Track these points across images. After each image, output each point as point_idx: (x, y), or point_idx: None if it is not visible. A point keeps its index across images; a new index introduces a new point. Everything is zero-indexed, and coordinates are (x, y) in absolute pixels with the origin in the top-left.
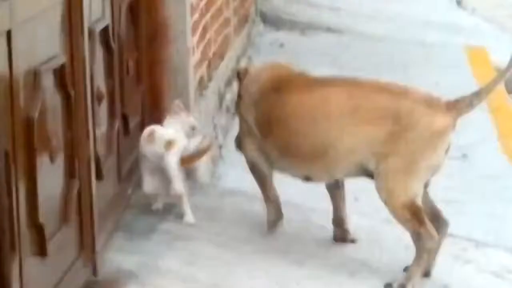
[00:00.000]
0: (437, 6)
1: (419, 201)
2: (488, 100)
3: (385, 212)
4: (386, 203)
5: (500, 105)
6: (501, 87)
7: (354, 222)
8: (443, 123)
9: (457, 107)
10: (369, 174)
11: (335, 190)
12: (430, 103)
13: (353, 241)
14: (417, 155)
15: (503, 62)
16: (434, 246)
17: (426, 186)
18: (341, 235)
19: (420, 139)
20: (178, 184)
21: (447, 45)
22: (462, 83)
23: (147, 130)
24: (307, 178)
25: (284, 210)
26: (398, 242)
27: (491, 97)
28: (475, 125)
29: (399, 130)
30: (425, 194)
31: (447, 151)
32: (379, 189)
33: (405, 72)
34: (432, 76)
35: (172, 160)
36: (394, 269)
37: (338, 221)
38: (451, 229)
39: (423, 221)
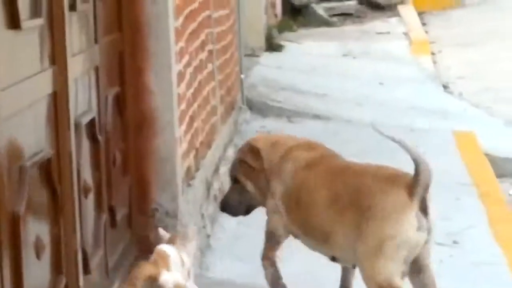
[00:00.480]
0: (424, 91)
1: (397, 281)
2: (477, 185)
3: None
4: (366, 285)
5: (489, 190)
6: (490, 172)
7: None
8: (397, 199)
9: (413, 184)
10: None
11: None
12: (389, 180)
13: None
14: (381, 234)
15: (491, 147)
16: None
17: (419, 272)
18: None
19: (380, 217)
20: None
21: (435, 130)
22: (451, 168)
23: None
24: (333, 259)
25: None
26: None
27: (480, 182)
28: (465, 211)
29: (365, 209)
30: (425, 279)
31: (420, 228)
32: (360, 272)
33: (393, 158)
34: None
35: None
36: None
37: None
38: None
39: None
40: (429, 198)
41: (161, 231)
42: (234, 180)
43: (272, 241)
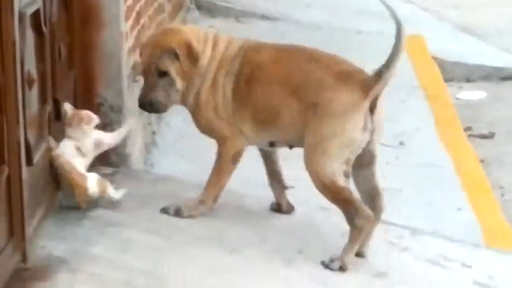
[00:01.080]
0: None
1: (341, 181)
2: (425, 88)
3: (321, 199)
4: (312, 182)
5: (437, 93)
6: (437, 75)
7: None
8: (346, 99)
9: (367, 83)
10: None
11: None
12: (343, 77)
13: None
14: (325, 131)
15: (439, 50)
16: (366, 225)
17: (365, 167)
18: (279, 194)
19: (325, 115)
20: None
21: (383, 33)
22: (400, 71)
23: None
24: (271, 144)
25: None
26: (334, 229)
27: (428, 85)
28: (412, 113)
29: (311, 104)
30: (368, 177)
31: (364, 129)
32: (305, 165)
33: None
34: (368, 63)
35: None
36: (330, 257)
37: (275, 176)
38: (387, 216)
39: (350, 200)
40: (380, 97)
41: (66, 105)
42: (160, 73)
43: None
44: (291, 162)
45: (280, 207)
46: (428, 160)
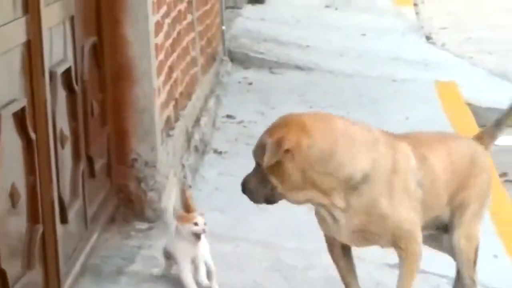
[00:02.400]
0: (406, 42)
1: None
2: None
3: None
4: (462, 249)
5: None
6: (471, 121)
7: (324, 261)
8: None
9: (485, 141)
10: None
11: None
12: (478, 143)
13: None
14: (486, 196)
15: (473, 97)
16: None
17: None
18: None
19: (487, 179)
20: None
21: (417, 81)
22: (433, 118)
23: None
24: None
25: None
26: (369, 280)
27: (462, 131)
28: None
29: (474, 175)
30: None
31: None
32: (457, 238)
33: (374, 108)
34: (402, 111)
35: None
36: None
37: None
38: (424, 265)
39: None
40: None
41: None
42: (257, 163)
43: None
44: None
45: None
46: None
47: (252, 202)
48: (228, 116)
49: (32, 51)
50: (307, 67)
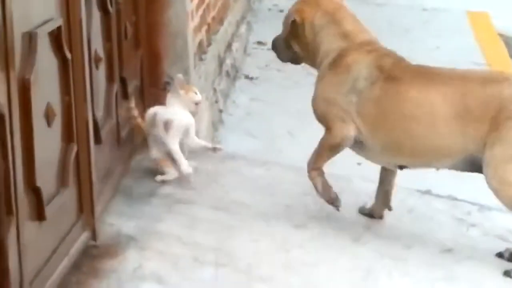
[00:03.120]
0: None
1: None
2: (490, 65)
3: None
4: (497, 191)
5: (503, 70)
6: (503, 51)
7: (357, 186)
8: None
9: None
10: (473, 169)
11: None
12: None
13: (381, 216)
14: None
15: (505, 27)
16: None
17: None
18: (377, 209)
19: None
20: (183, 166)
21: (448, 10)
22: (464, 48)
23: (150, 112)
24: (402, 167)
25: (286, 173)
26: (402, 206)
27: (493, 62)
28: None
29: (502, 117)
30: None
31: None
32: (489, 178)
33: (405, 37)
34: (433, 40)
35: (171, 142)
36: (398, 233)
37: (384, 195)
38: (455, 193)
39: None
40: None
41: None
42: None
43: (331, 152)
44: None
45: (371, 215)
46: None
47: (279, 59)
48: (259, 43)
49: None
50: None
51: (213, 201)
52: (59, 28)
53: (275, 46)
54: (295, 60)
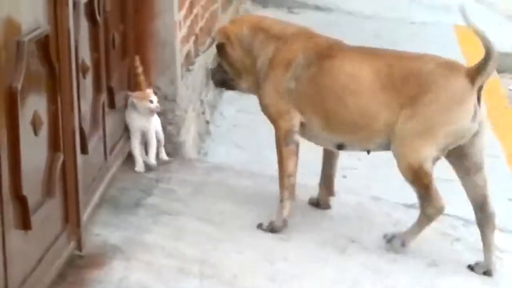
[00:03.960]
0: None
1: (428, 166)
2: None
3: (373, 189)
4: (397, 164)
5: (489, 84)
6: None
7: (342, 198)
8: (460, 86)
9: (475, 72)
10: None
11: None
12: (450, 66)
13: (328, 206)
14: (435, 119)
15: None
16: (436, 215)
17: (475, 175)
18: (323, 197)
19: (437, 101)
20: (138, 165)
21: (436, 24)
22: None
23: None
24: (340, 147)
25: (273, 184)
26: (387, 219)
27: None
28: None
29: (419, 93)
30: (478, 185)
31: (473, 118)
32: (393, 151)
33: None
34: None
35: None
36: (383, 246)
37: (327, 179)
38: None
39: (428, 186)
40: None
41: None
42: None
43: (287, 147)
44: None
45: (318, 205)
46: (486, 152)
47: (214, 86)
48: None
49: None
50: (327, 7)
51: (199, 212)
52: (46, 36)
53: (211, 72)
54: (230, 85)
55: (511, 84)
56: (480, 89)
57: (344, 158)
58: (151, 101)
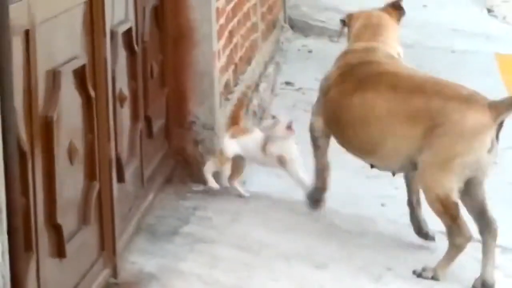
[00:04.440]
0: (467, 14)
1: (454, 197)
2: None
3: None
4: (425, 198)
5: None
6: None
7: (380, 226)
8: (476, 119)
9: (498, 106)
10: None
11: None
12: (467, 100)
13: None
14: (450, 150)
15: None
16: (464, 244)
17: (478, 185)
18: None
19: (452, 134)
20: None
21: (477, 53)
22: (492, 90)
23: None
24: (372, 166)
25: (310, 212)
26: (424, 247)
27: None
28: (505, 132)
29: (433, 126)
30: (478, 195)
31: (490, 150)
32: (418, 182)
33: None
34: (461, 82)
35: None
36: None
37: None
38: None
39: (457, 216)
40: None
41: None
42: None
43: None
44: (382, 179)
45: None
46: None
47: None
48: (287, 83)
49: (93, 9)
50: None
51: (235, 240)
52: (83, 66)
53: None
54: None
55: None
56: (501, 124)
57: (382, 186)
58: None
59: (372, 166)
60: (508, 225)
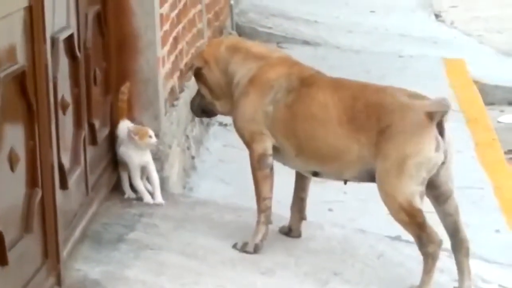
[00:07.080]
0: (415, 19)
1: (417, 203)
2: (465, 111)
3: (358, 222)
4: (384, 202)
5: (477, 116)
6: (478, 98)
7: (327, 232)
8: (417, 118)
9: (433, 105)
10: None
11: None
12: (408, 99)
13: (299, 234)
14: (399, 152)
15: (481, 75)
16: (437, 251)
17: (445, 203)
18: (295, 222)
19: (398, 135)
20: (146, 198)
21: (425, 57)
22: (439, 93)
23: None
24: (315, 174)
25: (254, 218)
26: (371, 252)
27: (468, 108)
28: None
29: (382, 127)
30: (449, 212)
31: (437, 149)
32: (379, 192)
33: (381, 83)
34: (408, 87)
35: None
36: (367, 279)
37: (299, 203)
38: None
39: (424, 224)
40: (446, 121)
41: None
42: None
43: (261, 170)
44: (329, 184)
45: (290, 232)
46: (467, 183)
47: (194, 115)
48: None
49: (33, 16)
50: (315, 42)
51: (181, 247)
52: (23, 73)
53: (191, 105)
54: (209, 111)
55: (499, 116)
56: (441, 121)
57: (329, 191)
58: (151, 137)
59: (315, 174)
60: None
